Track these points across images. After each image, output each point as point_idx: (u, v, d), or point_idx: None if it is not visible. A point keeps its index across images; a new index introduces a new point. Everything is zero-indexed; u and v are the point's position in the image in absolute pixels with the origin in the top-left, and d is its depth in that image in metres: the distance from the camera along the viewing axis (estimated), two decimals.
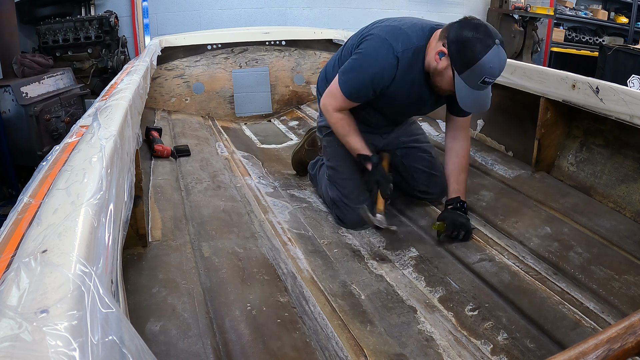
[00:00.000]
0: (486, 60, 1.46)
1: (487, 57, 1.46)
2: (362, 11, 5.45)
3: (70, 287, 0.55)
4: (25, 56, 3.19)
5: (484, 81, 1.49)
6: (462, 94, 1.55)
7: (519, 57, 5.57)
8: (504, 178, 2.12)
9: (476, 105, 1.60)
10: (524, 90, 2.07)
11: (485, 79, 1.49)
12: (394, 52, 1.63)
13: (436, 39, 1.61)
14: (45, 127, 3.06)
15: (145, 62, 2.42)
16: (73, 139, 1.14)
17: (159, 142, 2.46)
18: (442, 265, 1.65)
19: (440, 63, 1.57)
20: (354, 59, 1.72)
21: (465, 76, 1.51)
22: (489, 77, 1.49)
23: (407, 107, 1.84)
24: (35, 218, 0.72)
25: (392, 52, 1.63)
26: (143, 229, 1.51)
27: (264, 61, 3.78)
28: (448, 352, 1.28)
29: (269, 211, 1.97)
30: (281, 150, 2.92)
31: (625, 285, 1.40)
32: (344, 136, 1.81)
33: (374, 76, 1.66)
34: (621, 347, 0.68)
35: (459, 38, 1.51)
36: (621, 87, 1.65)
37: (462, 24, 1.53)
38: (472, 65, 1.48)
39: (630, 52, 4.61)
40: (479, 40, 1.47)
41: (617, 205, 1.78)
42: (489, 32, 1.48)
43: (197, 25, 4.91)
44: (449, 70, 1.56)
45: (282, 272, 1.53)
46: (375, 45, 1.67)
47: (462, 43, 1.50)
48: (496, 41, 1.47)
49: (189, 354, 1.10)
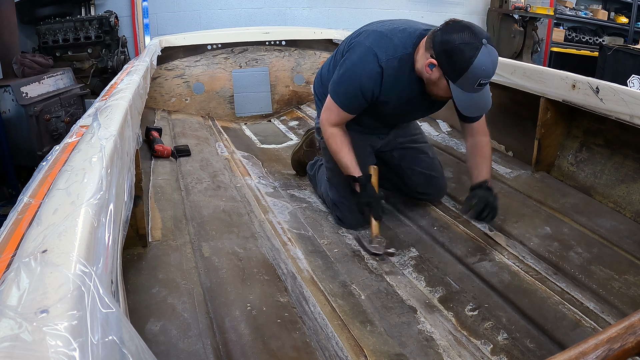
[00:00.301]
0: (478, 64, 1.44)
1: (478, 61, 1.44)
2: (362, 11, 5.45)
3: (70, 287, 0.55)
4: (25, 56, 3.19)
5: (480, 83, 1.48)
6: (461, 100, 1.53)
7: (519, 57, 5.56)
8: (504, 178, 2.12)
9: (478, 107, 1.58)
10: (524, 90, 2.07)
11: (480, 82, 1.47)
12: (378, 61, 1.62)
13: (423, 48, 1.58)
14: (45, 127, 3.06)
15: (145, 62, 2.42)
16: (73, 139, 1.14)
17: (159, 142, 2.46)
18: (442, 265, 1.65)
19: (432, 74, 1.55)
20: (341, 70, 1.71)
21: (460, 83, 1.49)
22: (484, 79, 1.47)
23: (401, 114, 1.83)
24: (35, 218, 0.72)
25: (377, 61, 1.62)
26: (143, 229, 1.51)
27: (264, 61, 3.78)
28: (448, 352, 1.28)
29: (269, 211, 1.97)
30: (281, 150, 2.92)
31: (625, 285, 1.40)
32: (335, 153, 1.79)
33: (362, 86, 1.65)
34: (621, 347, 0.68)
35: (445, 47, 1.48)
36: (621, 87, 1.65)
37: (445, 32, 1.50)
38: (465, 71, 1.46)
39: (630, 52, 4.61)
40: (465, 44, 1.44)
41: (617, 205, 1.78)
42: (474, 34, 1.45)
43: (197, 25, 4.91)
44: (442, 79, 1.54)
45: (282, 272, 1.53)
46: (360, 54, 1.66)
47: (449, 52, 1.47)
48: (483, 41, 1.44)
49: (189, 354, 1.10)
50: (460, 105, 1.55)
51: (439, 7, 5.76)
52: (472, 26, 1.49)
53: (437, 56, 1.51)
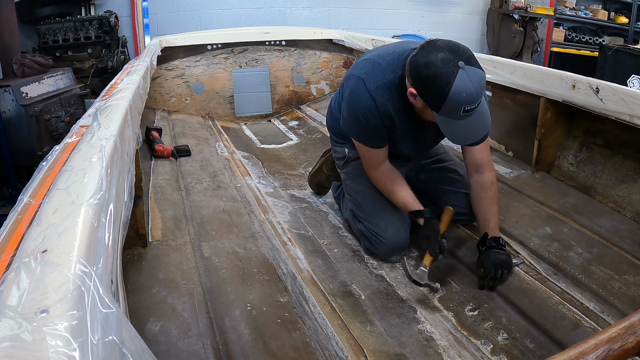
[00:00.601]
0: (456, 91, 1.30)
1: (455, 88, 1.29)
2: (362, 11, 5.45)
3: (70, 287, 0.55)
4: (25, 56, 3.19)
5: (465, 110, 1.33)
6: (449, 130, 1.40)
7: (519, 57, 5.56)
8: (504, 178, 2.12)
9: (469, 135, 1.44)
10: (524, 90, 2.08)
11: (465, 108, 1.32)
12: (368, 92, 1.52)
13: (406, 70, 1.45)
14: (45, 127, 3.06)
15: (145, 62, 2.42)
16: (73, 139, 1.14)
17: (159, 142, 2.46)
18: (442, 266, 1.65)
19: (417, 103, 1.43)
20: (344, 109, 1.63)
21: (443, 112, 1.36)
22: (468, 105, 1.32)
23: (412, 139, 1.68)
24: (35, 218, 0.72)
25: (366, 91, 1.52)
26: (143, 229, 1.51)
27: (264, 61, 3.78)
28: (448, 352, 1.28)
29: (269, 211, 1.98)
30: (281, 150, 2.92)
31: (625, 285, 1.40)
32: (388, 195, 1.68)
33: (365, 119, 1.55)
34: (621, 347, 0.68)
35: (420, 77, 1.36)
36: (621, 87, 1.65)
37: (419, 57, 1.37)
38: (444, 101, 1.32)
39: (630, 52, 4.61)
40: (439, 72, 1.30)
41: (617, 205, 1.78)
42: (447, 58, 1.31)
43: (197, 25, 4.91)
44: (427, 108, 1.41)
45: (282, 272, 1.53)
46: (352, 87, 1.57)
47: (424, 81, 1.35)
48: (459, 64, 1.30)
49: (189, 354, 1.10)
50: (449, 135, 1.43)
51: (439, 7, 5.76)
52: (447, 47, 1.34)
53: (414, 85, 1.40)
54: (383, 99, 1.52)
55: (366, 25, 5.42)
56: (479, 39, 6.09)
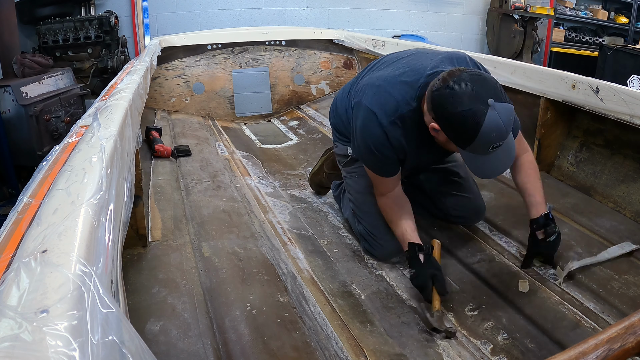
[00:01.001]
0: (486, 130, 1.21)
1: (485, 127, 1.20)
2: (362, 11, 5.45)
3: (70, 287, 0.55)
4: (25, 56, 3.19)
5: (494, 147, 1.25)
6: (475, 165, 1.33)
7: (519, 57, 5.56)
8: (504, 178, 2.12)
9: (495, 168, 1.35)
10: (524, 90, 2.08)
11: (494, 145, 1.24)
12: (380, 125, 1.44)
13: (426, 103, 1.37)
14: (45, 127, 3.06)
15: (145, 62, 2.42)
16: (73, 139, 1.14)
17: (159, 142, 2.46)
18: (442, 266, 1.64)
19: (439, 136, 1.35)
20: (355, 139, 1.58)
21: (470, 149, 1.28)
22: (497, 142, 1.24)
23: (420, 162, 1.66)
24: (35, 218, 0.72)
25: (378, 124, 1.44)
26: (143, 229, 1.51)
27: (264, 61, 3.78)
28: (448, 352, 1.28)
29: (269, 211, 1.98)
30: (281, 150, 2.92)
31: (625, 285, 1.40)
32: (389, 222, 1.63)
33: (377, 151, 1.49)
34: (621, 347, 0.68)
35: (445, 115, 1.27)
36: (621, 87, 1.65)
37: (442, 93, 1.26)
38: (472, 140, 1.24)
39: (630, 52, 4.61)
40: (467, 111, 1.21)
41: (617, 205, 1.78)
42: (474, 95, 1.21)
43: (197, 25, 4.91)
44: (451, 142, 1.33)
45: (282, 272, 1.53)
46: (362, 118, 1.50)
47: (450, 121, 1.26)
48: (489, 102, 1.20)
49: (189, 354, 1.10)
50: (475, 170, 1.35)
51: (439, 7, 5.76)
52: (472, 80, 1.23)
53: (437, 121, 1.30)
54: (397, 134, 1.45)
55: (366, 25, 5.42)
56: (479, 39, 6.08)
